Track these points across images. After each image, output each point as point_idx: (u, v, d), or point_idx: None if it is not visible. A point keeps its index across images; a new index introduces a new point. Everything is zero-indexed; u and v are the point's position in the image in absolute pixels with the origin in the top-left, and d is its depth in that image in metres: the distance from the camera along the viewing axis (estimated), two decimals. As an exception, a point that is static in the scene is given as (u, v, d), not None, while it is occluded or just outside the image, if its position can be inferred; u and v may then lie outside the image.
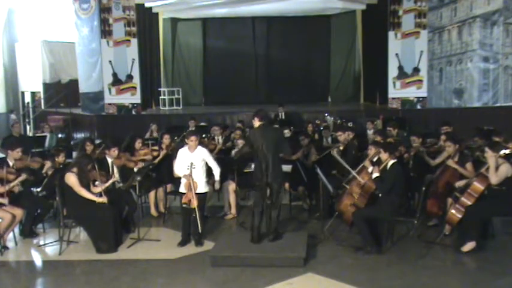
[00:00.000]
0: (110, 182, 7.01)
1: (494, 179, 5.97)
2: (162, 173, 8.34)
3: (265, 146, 6.21)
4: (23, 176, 6.92)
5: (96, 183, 6.81)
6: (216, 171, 6.87)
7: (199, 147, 6.82)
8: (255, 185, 6.46)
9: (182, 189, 6.77)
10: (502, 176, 5.96)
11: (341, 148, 7.95)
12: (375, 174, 6.29)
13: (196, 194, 6.62)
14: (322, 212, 7.04)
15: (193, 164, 6.60)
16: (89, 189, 6.65)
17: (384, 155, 6.38)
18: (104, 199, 6.62)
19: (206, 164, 6.82)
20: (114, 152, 7.60)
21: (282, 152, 6.57)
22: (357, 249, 6.27)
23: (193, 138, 6.74)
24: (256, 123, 6.47)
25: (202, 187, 6.74)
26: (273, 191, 6.24)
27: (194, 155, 6.71)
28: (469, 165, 6.70)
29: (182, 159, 6.76)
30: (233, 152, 8.68)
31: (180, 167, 6.77)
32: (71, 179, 6.53)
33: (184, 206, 6.66)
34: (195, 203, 6.58)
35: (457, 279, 5.62)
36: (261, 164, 6.24)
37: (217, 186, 7.11)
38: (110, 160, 7.55)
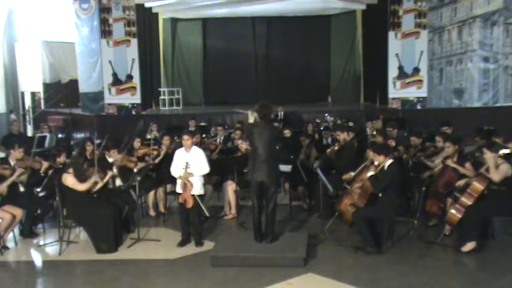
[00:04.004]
0: (108, 176, 6.98)
1: (495, 176, 5.96)
2: (162, 173, 8.34)
3: (259, 143, 6.16)
4: (20, 171, 6.90)
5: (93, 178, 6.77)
6: (203, 170, 6.70)
7: (195, 148, 6.80)
8: (249, 183, 6.40)
9: (178, 189, 6.76)
10: (503, 173, 5.96)
11: (336, 148, 7.90)
12: (370, 173, 6.29)
13: (192, 195, 6.59)
14: (322, 212, 7.04)
15: (189, 163, 6.57)
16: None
17: (379, 158, 6.37)
18: (99, 182, 6.66)
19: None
20: (114, 153, 7.62)
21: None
22: (356, 249, 6.28)
23: (185, 137, 6.72)
24: (252, 118, 6.41)
25: (198, 189, 6.70)
26: (266, 189, 6.20)
27: (190, 155, 6.69)
28: (468, 165, 6.69)
29: (178, 159, 6.74)
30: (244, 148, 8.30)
31: (175, 168, 6.75)
32: (68, 180, 6.53)
33: (180, 205, 6.65)
34: (190, 203, 6.57)
35: (457, 279, 5.62)
36: (254, 161, 6.20)
37: (191, 175, 6.59)
38: (110, 160, 7.56)
